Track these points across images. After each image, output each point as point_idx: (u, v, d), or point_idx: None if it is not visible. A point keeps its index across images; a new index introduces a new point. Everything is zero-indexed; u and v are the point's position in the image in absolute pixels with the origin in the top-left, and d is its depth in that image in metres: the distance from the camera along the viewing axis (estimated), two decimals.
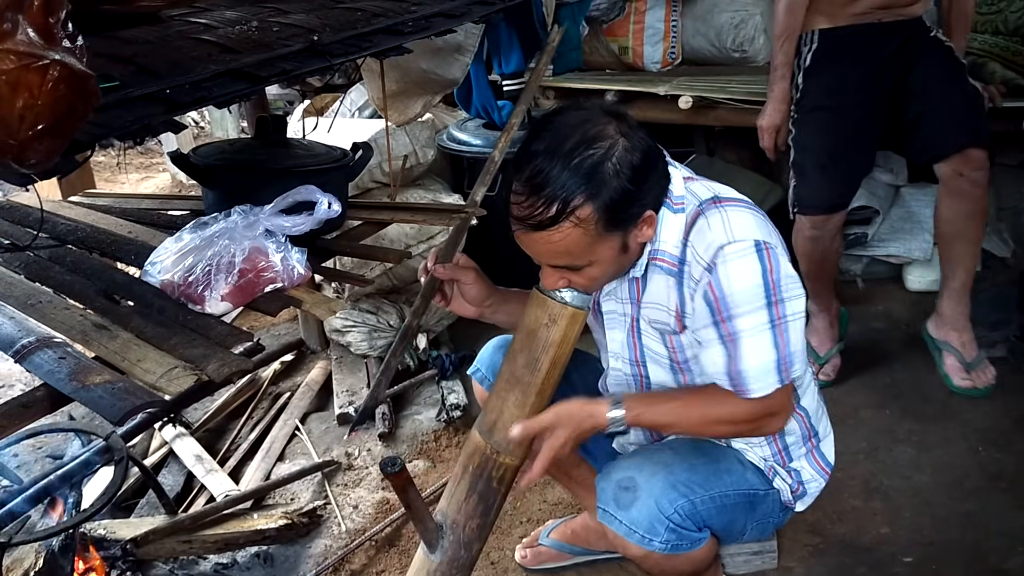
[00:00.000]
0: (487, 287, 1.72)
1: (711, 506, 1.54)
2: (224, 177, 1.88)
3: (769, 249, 1.39)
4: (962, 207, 2.52)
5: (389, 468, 1.48)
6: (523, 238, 1.40)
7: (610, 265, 1.44)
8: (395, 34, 1.66)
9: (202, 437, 2.75)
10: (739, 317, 1.40)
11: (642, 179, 1.37)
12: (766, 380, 1.43)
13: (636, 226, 1.41)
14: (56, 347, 1.42)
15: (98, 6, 0.95)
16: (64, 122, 0.83)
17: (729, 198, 1.47)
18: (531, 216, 1.33)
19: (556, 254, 1.39)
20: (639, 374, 1.65)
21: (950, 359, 2.71)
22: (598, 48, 3.87)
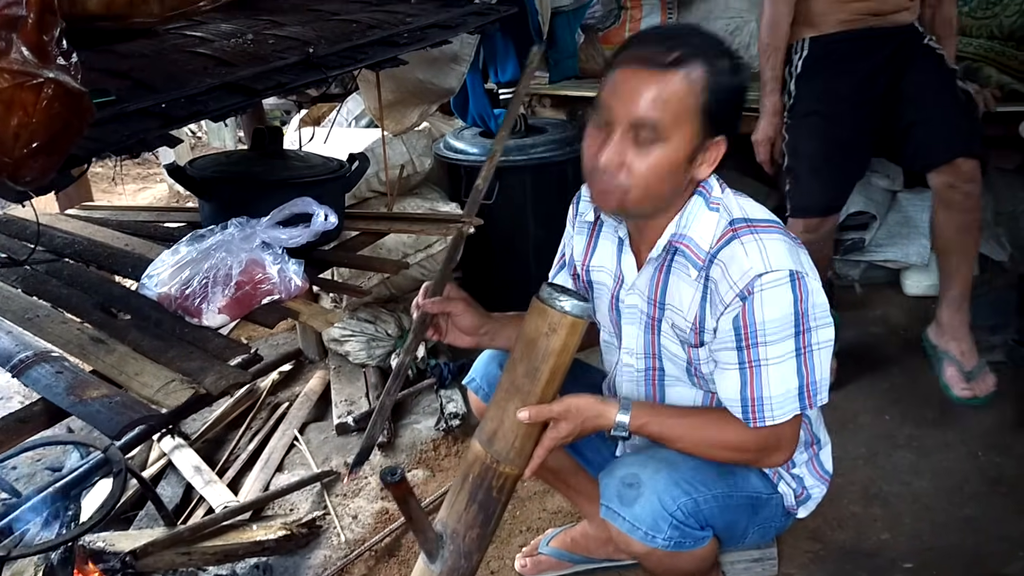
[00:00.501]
0: (479, 315, 1.73)
1: (714, 505, 1.54)
2: (221, 189, 1.88)
3: (801, 278, 1.41)
4: (956, 219, 2.53)
5: (390, 478, 1.48)
6: (628, 78, 1.37)
7: (671, 166, 1.40)
8: (390, 46, 1.67)
9: (201, 448, 2.75)
10: (766, 345, 1.42)
11: (741, 99, 1.44)
12: (786, 407, 1.45)
13: (708, 148, 1.43)
14: (53, 361, 1.42)
15: (93, 23, 0.95)
16: (59, 139, 0.83)
17: (761, 220, 1.48)
18: (653, 55, 1.35)
19: (650, 101, 1.35)
20: (652, 367, 1.65)
21: (950, 369, 2.71)
22: (594, 56, 3.88)
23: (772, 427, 1.47)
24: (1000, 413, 2.60)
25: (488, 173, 1.71)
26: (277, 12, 1.81)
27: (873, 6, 2.49)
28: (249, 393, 3.03)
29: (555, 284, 1.51)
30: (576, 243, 1.75)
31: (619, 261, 1.64)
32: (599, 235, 1.70)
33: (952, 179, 2.47)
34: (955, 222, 2.54)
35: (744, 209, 1.50)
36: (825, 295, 1.45)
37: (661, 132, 1.37)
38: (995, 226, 3.38)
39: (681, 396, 1.66)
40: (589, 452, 1.86)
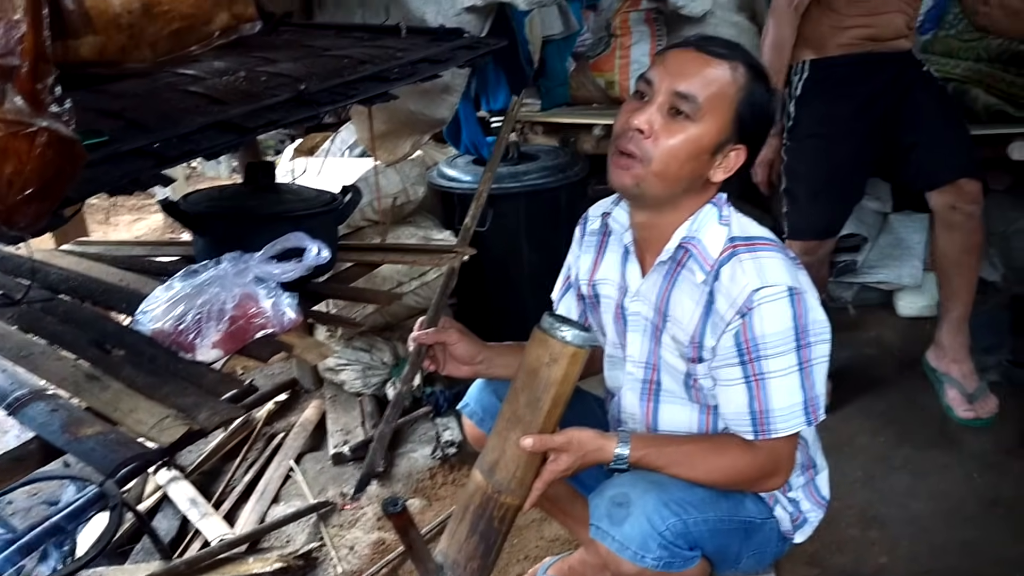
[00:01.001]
0: (475, 344, 1.74)
1: (703, 528, 1.53)
2: (214, 224, 1.89)
3: (800, 294, 1.43)
4: (958, 240, 2.55)
5: (391, 508, 1.48)
6: (677, 56, 1.47)
7: (696, 149, 1.45)
8: (381, 81, 1.68)
9: (196, 480, 2.74)
10: (768, 359, 1.43)
11: (769, 120, 1.52)
12: (792, 421, 1.46)
13: (729, 152, 1.48)
14: (48, 399, 1.42)
15: (86, 69, 0.97)
16: (52, 186, 0.85)
17: (759, 239, 1.51)
18: (706, 45, 1.46)
19: (692, 76, 1.43)
20: (651, 379, 1.66)
21: (952, 391, 2.72)
22: (585, 83, 3.91)
23: (772, 447, 1.48)
24: (996, 434, 2.61)
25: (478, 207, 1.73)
26: (269, 49, 1.83)
27: (873, 32, 2.52)
28: (245, 424, 3.02)
29: (556, 314, 1.53)
30: (583, 261, 1.77)
31: (623, 271, 1.65)
32: (606, 247, 1.72)
33: (955, 200, 2.49)
34: (957, 244, 2.55)
35: (744, 228, 1.53)
36: (823, 312, 1.47)
37: (696, 111, 1.43)
38: (988, 247, 3.40)
39: (675, 415, 1.66)
40: (587, 478, 1.86)
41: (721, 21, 3.76)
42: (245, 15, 1.08)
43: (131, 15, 0.95)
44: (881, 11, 2.49)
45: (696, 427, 1.65)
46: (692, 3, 3.60)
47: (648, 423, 1.69)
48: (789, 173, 2.67)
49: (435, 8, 2.40)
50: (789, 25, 2.54)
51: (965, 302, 2.66)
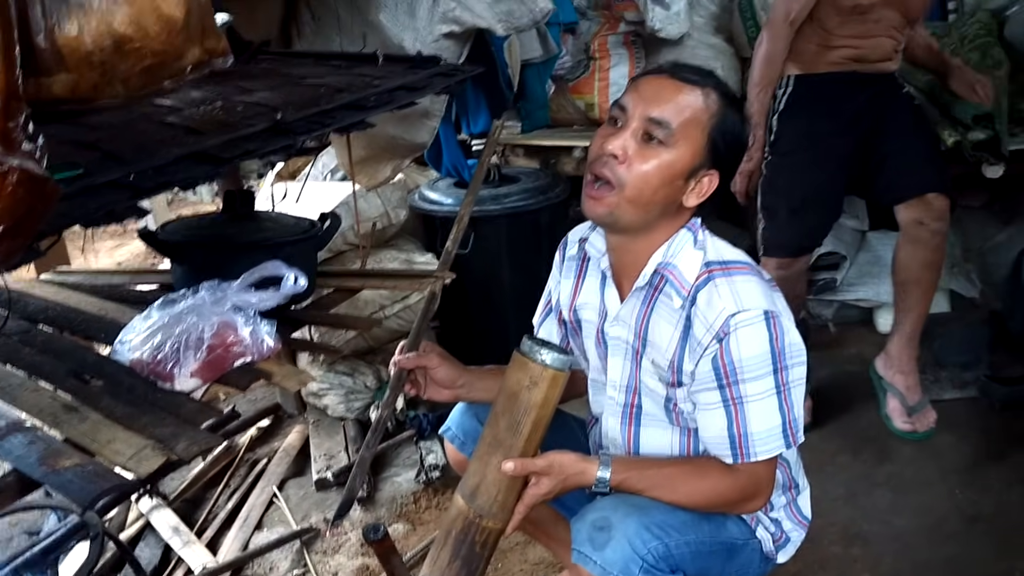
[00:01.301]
0: (455, 368, 1.75)
1: (685, 551, 1.53)
2: (192, 253, 1.90)
3: (776, 318, 1.44)
4: (920, 255, 2.57)
5: (372, 535, 1.48)
6: (651, 82, 1.49)
7: (670, 174, 1.46)
8: (358, 109, 1.69)
9: (179, 508, 2.72)
10: (746, 382, 1.44)
11: (741, 147, 1.54)
12: (772, 444, 1.47)
13: (702, 177, 1.48)
14: (26, 431, 1.43)
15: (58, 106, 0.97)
16: (23, 224, 0.85)
17: (734, 262, 1.51)
18: (679, 71, 1.48)
19: (665, 102, 1.45)
20: (631, 403, 1.66)
21: (893, 402, 2.75)
22: (565, 105, 3.94)
23: (752, 470, 1.48)
24: (975, 449, 2.63)
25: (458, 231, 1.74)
26: (247, 78, 1.84)
27: (861, 53, 2.55)
28: (227, 450, 3.01)
29: (536, 337, 1.53)
30: (564, 287, 1.77)
31: (602, 295, 1.66)
32: (586, 272, 1.72)
33: (921, 215, 2.51)
34: (919, 258, 2.57)
35: (719, 252, 1.53)
36: (799, 335, 1.48)
37: (669, 136, 1.44)
38: (964, 263, 3.44)
39: (656, 438, 1.66)
40: (569, 500, 1.86)
41: (698, 43, 3.80)
42: (217, 50, 1.09)
43: (103, 52, 0.96)
44: (872, 35, 2.52)
45: (677, 450, 1.65)
46: (669, 26, 3.64)
47: (629, 448, 1.69)
48: (769, 187, 2.68)
49: (413, 35, 2.42)
50: (784, 39, 2.55)
51: (919, 317, 2.67)
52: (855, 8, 2.46)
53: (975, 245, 3.48)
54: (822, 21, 2.53)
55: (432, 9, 2.43)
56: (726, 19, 3.93)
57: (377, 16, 2.38)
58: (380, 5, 2.45)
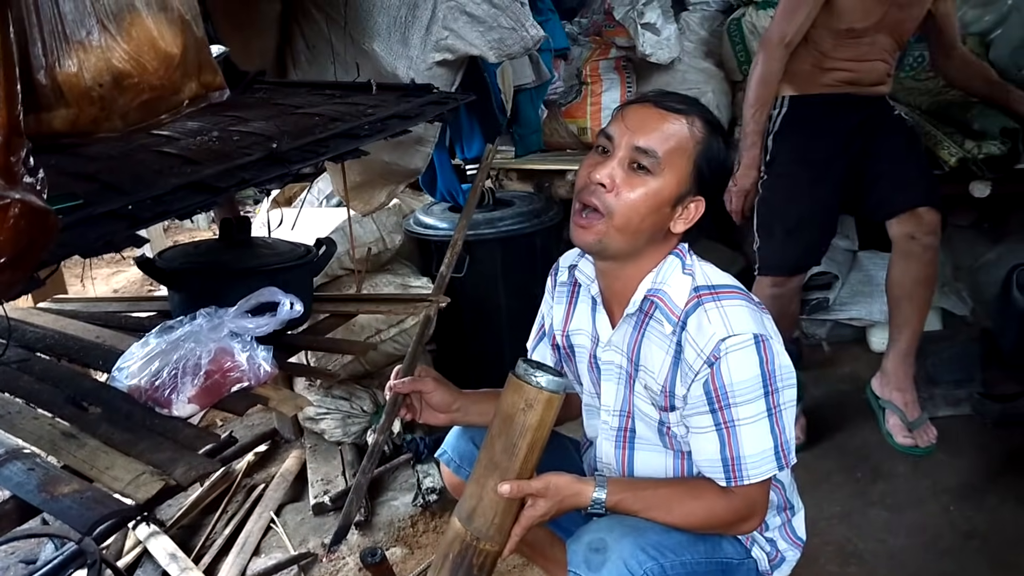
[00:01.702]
0: (451, 392, 1.76)
1: (681, 571, 1.53)
2: (189, 280, 1.92)
3: (766, 341, 1.45)
4: (912, 270, 2.59)
5: (370, 559, 1.49)
6: (635, 111, 1.51)
7: (656, 202, 1.48)
8: (352, 138, 1.72)
9: (176, 534, 2.72)
10: (738, 406, 1.45)
11: (726, 174, 1.58)
12: (764, 467, 1.47)
13: (688, 204, 1.50)
14: (25, 458, 1.43)
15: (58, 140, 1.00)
16: (24, 256, 0.87)
17: (723, 287, 1.53)
18: (664, 100, 1.50)
19: (651, 131, 1.47)
20: (625, 427, 1.67)
21: (892, 418, 2.77)
22: (558, 129, 3.98)
23: (746, 492, 1.49)
24: (970, 466, 2.64)
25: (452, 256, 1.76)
26: (242, 108, 1.87)
27: (855, 76, 2.59)
28: (225, 476, 3.01)
29: (531, 360, 1.55)
30: (556, 312, 1.79)
31: (594, 321, 1.67)
32: (577, 298, 1.74)
33: (913, 229, 2.54)
34: (912, 274, 2.60)
35: (708, 276, 1.55)
36: (789, 357, 1.49)
37: (656, 165, 1.46)
38: (955, 281, 3.46)
39: (650, 461, 1.67)
40: (565, 522, 1.87)
41: (689, 68, 3.85)
42: (213, 84, 1.12)
43: (102, 88, 0.99)
44: (865, 58, 2.56)
45: (671, 473, 1.66)
46: (660, 51, 3.68)
47: (624, 471, 1.70)
48: (764, 207, 2.71)
49: (406, 63, 2.45)
50: (779, 60, 2.58)
51: (913, 333, 2.70)
52: (849, 32, 2.50)
53: (965, 264, 3.51)
54: (817, 43, 2.56)
55: (425, 38, 2.47)
56: (716, 44, 3.98)
57: (371, 45, 2.41)
58: (374, 34, 2.49)
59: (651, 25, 3.66)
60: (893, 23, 2.53)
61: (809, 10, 2.49)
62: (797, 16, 2.51)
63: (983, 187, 2.86)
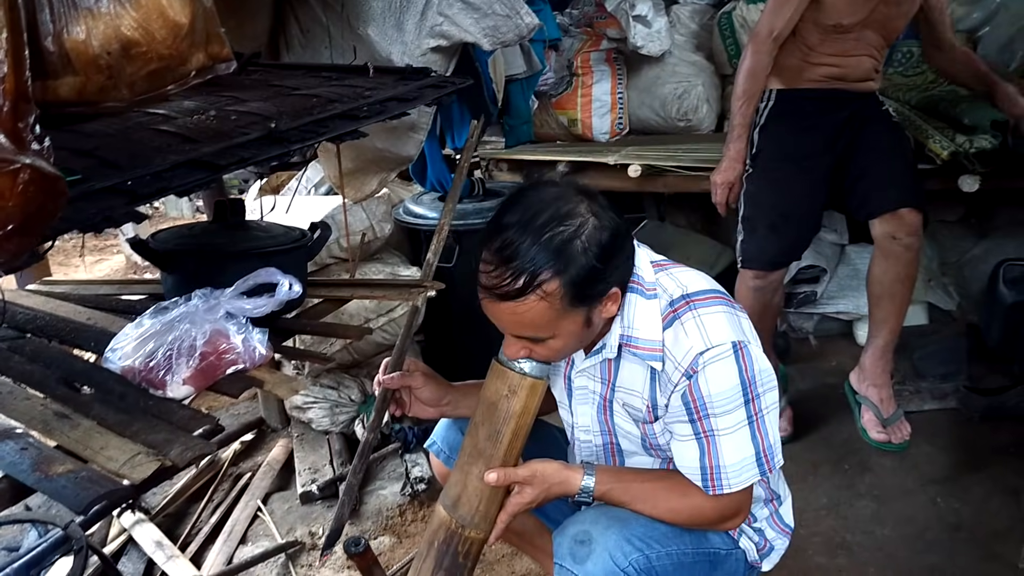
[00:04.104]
0: (440, 386, 1.76)
1: (667, 562, 1.53)
2: (183, 261, 1.90)
3: (744, 347, 1.43)
4: (893, 269, 2.61)
5: (353, 548, 1.48)
6: (489, 307, 1.42)
7: (572, 338, 1.46)
8: (350, 119, 1.71)
9: (162, 522, 2.70)
10: (718, 416, 1.44)
11: (609, 257, 1.39)
12: (745, 475, 1.46)
13: (600, 303, 1.43)
14: (18, 438, 1.41)
15: (65, 108, 0.98)
16: (33, 222, 0.86)
17: (700, 293, 1.49)
18: (498, 286, 1.36)
19: (520, 325, 1.41)
20: (610, 443, 1.67)
21: (868, 414, 2.79)
22: (548, 121, 3.98)
23: (730, 496, 1.48)
24: (956, 459, 2.67)
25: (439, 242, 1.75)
26: (239, 88, 1.85)
27: (842, 72, 2.59)
28: (211, 464, 2.99)
29: None
30: None
31: None
32: None
33: (894, 230, 2.55)
34: (892, 273, 2.61)
35: (683, 284, 1.51)
36: (767, 360, 1.47)
37: (545, 334, 1.43)
38: (942, 276, 3.49)
39: (640, 463, 1.67)
40: (553, 512, 1.87)
41: (679, 60, 3.86)
42: (220, 55, 1.11)
43: (110, 56, 0.97)
44: (852, 53, 2.57)
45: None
46: (651, 43, 3.69)
47: None
48: (749, 200, 2.71)
49: (401, 48, 2.44)
50: (767, 54, 2.58)
51: (892, 330, 2.72)
52: (837, 27, 2.51)
53: (952, 259, 3.54)
54: (804, 38, 2.57)
55: (420, 23, 2.46)
56: (706, 37, 3.99)
57: (366, 30, 2.40)
58: (368, 19, 2.47)
59: (642, 17, 3.67)
60: (881, 19, 2.54)
61: (797, 5, 2.49)
62: (785, 10, 2.51)
63: (972, 182, 2.88)
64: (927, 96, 3.19)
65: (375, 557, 1.49)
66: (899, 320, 2.71)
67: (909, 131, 2.99)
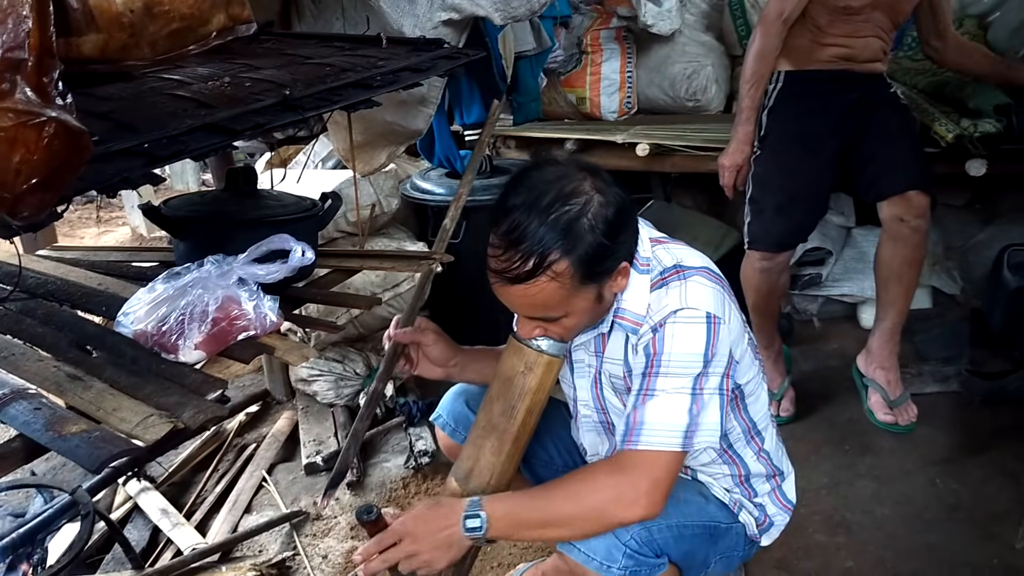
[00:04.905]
0: (449, 346, 1.76)
1: (668, 535, 1.55)
2: (196, 228, 1.90)
3: (717, 323, 1.43)
4: (901, 252, 2.61)
5: (365, 516, 1.49)
6: (500, 290, 1.42)
7: (585, 315, 1.47)
8: (364, 88, 1.71)
9: (167, 491, 2.72)
10: (668, 376, 1.43)
11: (616, 233, 1.40)
12: (663, 438, 1.42)
13: (611, 278, 1.44)
14: (31, 398, 1.42)
15: (87, 66, 0.99)
16: (57, 176, 0.87)
17: (692, 267, 1.50)
18: (508, 270, 1.36)
19: (532, 306, 1.42)
20: (606, 421, 1.68)
21: (875, 396, 2.81)
22: (557, 99, 3.97)
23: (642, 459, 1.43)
24: (956, 441, 2.69)
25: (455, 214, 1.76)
26: (252, 56, 1.85)
27: (851, 52, 2.59)
28: (216, 435, 3.01)
29: None
30: None
31: None
32: None
33: (902, 212, 2.56)
34: (900, 255, 2.62)
35: (678, 257, 1.52)
36: (727, 347, 1.45)
37: (557, 313, 1.44)
38: (946, 260, 3.50)
39: None
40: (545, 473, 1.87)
41: (689, 40, 3.85)
42: (241, 16, 1.11)
43: (133, 14, 0.98)
44: (860, 34, 2.57)
45: None
46: (661, 22, 3.68)
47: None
48: (756, 182, 2.72)
49: (412, 21, 2.43)
50: (777, 36, 2.58)
51: (899, 312, 2.73)
52: (846, 8, 2.51)
53: (957, 243, 3.55)
54: (813, 19, 2.57)
55: None
56: (717, 17, 3.98)
57: (378, 2, 2.40)
58: None
59: None
60: (890, 1, 2.54)
61: None
62: None
63: (979, 165, 2.89)
64: (934, 80, 3.19)
65: (387, 525, 1.51)
66: (906, 303, 2.72)
67: (916, 114, 3.00)
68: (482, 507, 1.44)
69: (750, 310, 2.78)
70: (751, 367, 1.61)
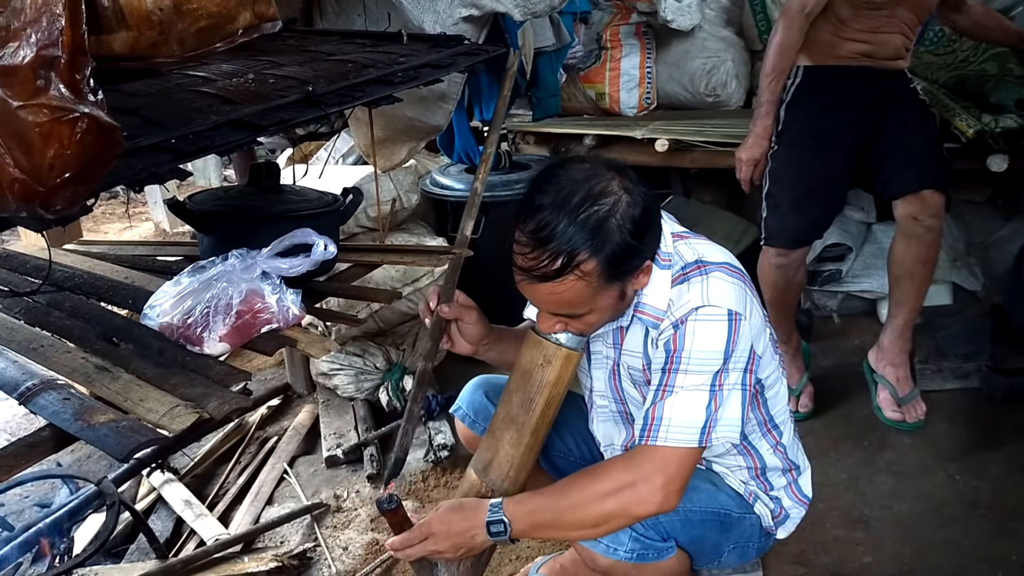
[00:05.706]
0: (486, 325, 1.75)
1: (674, 518, 1.55)
2: (220, 223, 1.93)
3: (739, 320, 1.44)
4: (914, 250, 2.60)
5: (386, 505, 1.52)
6: (526, 288, 1.43)
7: (608, 312, 1.48)
8: (385, 84, 1.73)
9: (190, 483, 2.76)
10: (687, 373, 1.44)
11: (643, 233, 1.41)
12: (682, 435, 1.43)
13: (635, 276, 1.46)
14: (60, 388, 1.45)
15: (117, 63, 1.01)
16: (89, 170, 0.89)
17: (713, 262, 1.50)
18: (536, 268, 1.37)
19: (558, 304, 1.43)
20: (624, 411, 1.70)
21: (884, 393, 2.80)
22: (576, 94, 3.98)
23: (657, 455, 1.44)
24: (975, 438, 2.67)
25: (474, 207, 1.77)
26: (275, 53, 1.88)
27: (872, 49, 2.58)
28: (238, 428, 3.05)
29: None
30: None
31: None
32: None
33: (917, 211, 2.55)
34: (912, 254, 2.61)
35: (700, 252, 1.52)
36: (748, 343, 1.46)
37: (581, 311, 1.44)
38: (967, 256, 3.48)
39: None
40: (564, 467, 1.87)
41: (708, 35, 3.84)
42: (267, 14, 1.13)
43: (162, 12, 1.00)
44: (883, 30, 2.55)
45: None
46: (681, 18, 3.68)
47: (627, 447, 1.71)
48: (773, 177, 2.71)
49: (433, 17, 2.45)
50: (799, 30, 2.56)
51: (911, 310, 2.72)
52: (869, 3, 2.49)
53: (978, 239, 3.53)
54: (836, 12, 2.55)
55: None
56: (737, 12, 3.97)
57: None
58: None
59: None
60: None
61: None
62: None
63: (1000, 161, 2.87)
64: (956, 75, 3.17)
65: (407, 515, 1.53)
66: (919, 301, 2.71)
67: (936, 109, 2.98)
68: (504, 510, 1.47)
69: (767, 305, 2.77)
70: (771, 361, 1.62)
